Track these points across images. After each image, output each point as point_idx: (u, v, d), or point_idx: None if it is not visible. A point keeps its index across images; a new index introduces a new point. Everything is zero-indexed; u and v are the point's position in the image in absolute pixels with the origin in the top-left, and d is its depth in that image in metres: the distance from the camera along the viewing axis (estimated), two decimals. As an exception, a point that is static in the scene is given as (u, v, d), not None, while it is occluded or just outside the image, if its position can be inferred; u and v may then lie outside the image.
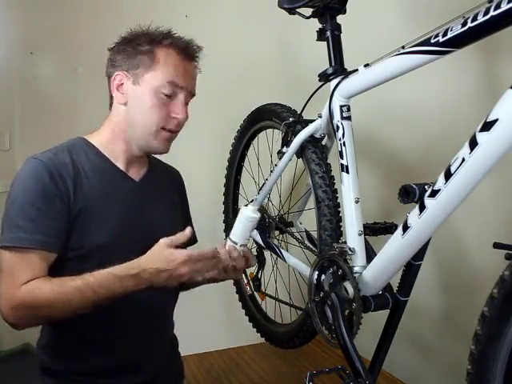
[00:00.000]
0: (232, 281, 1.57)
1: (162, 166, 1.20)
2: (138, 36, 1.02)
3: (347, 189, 1.01)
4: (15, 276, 0.90)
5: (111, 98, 1.06)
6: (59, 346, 1.01)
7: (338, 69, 1.08)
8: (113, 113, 1.05)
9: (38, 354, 1.03)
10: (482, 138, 0.67)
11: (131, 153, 1.05)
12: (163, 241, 0.90)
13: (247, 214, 1.06)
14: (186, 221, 1.23)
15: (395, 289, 0.96)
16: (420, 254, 0.89)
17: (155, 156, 1.19)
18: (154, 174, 1.12)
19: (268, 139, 1.44)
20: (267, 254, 1.42)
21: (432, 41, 0.77)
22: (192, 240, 1.24)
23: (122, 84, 1.02)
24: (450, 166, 0.73)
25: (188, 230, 0.91)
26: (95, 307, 0.88)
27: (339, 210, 1.09)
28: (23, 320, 0.91)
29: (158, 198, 1.10)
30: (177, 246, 0.91)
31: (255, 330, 1.48)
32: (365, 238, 1.01)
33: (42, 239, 0.92)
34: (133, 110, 1.02)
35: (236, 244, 1.05)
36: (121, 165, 1.05)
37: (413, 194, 0.80)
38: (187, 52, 1.02)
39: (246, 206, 1.07)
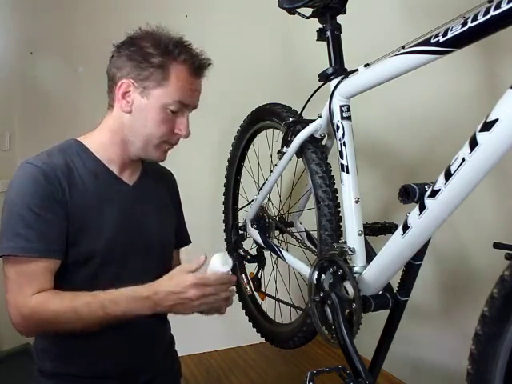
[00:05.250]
0: (232, 281, 1.57)
1: (154, 169, 1.18)
2: (150, 44, 0.97)
3: (347, 189, 1.01)
4: (23, 286, 0.90)
5: (113, 100, 1.02)
6: (56, 350, 1.00)
7: (337, 69, 1.08)
8: (113, 118, 1.02)
9: (35, 356, 1.03)
10: (482, 137, 0.67)
11: (127, 158, 1.04)
12: (179, 267, 0.92)
13: (218, 270, 0.91)
14: (179, 222, 1.23)
15: (395, 289, 0.96)
16: (420, 254, 0.89)
17: None
18: (147, 178, 1.11)
19: (268, 139, 1.44)
20: (267, 254, 1.42)
21: (432, 41, 0.77)
22: (185, 242, 1.25)
23: (128, 92, 0.99)
24: (450, 166, 0.73)
25: (202, 257, 0.92)
26: (102, 325, 0.89)
27: (339, 210, 1.09)
28: (32, 329, 0.92)
29: (151, 202, 1.09)
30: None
31: (255, 329, 1.48)
32: (365, 238, 1.01)
33: (44, 247, 0.91)
34: (137, 120, 0.99)
35: None
36: (114, 169, 1.04)
37: (413, 194, 0.81)
38: (198, 69, 1.00)
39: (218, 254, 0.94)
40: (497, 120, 0.65)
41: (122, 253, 1.00)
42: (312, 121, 1.15)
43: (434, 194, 0.76)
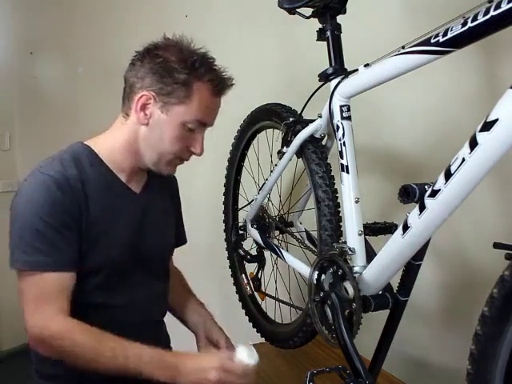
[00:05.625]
0: (232, 281, 1.57)
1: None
2: (175, 58, 0.95)
3: (347, 189, 1.01)
4: (42, 304, 0.88)
5: (129, 109, 0.99)
6: None
7: (337, 69, 1.08)
8: (128, 127, 1.00)
9: (34, 357, 1.02)
10: (482, 137, 0.67)
11: (136, 167, 1.03)
12: (215, 351, 0.98)
13: (244, 361, 0.91)
14: (177, 222, 1.23)
15: (395, 289, 0.96)
16: (420, 254, 0.89)
17: None
18: (152, 184, 1.11)
19: (268, 139, 1.44)
20: (267, 254, 1.42)
21: (432, 41, 0.77)
22: (182, 242, 1.25)
23: (147, 104, 0.96)
24: (450, 165, 0.73)
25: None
26: (118, 372, 0.88)
27: (339, 210, 1.09)
28: (50, 352, 0.91)
29: (156, 209, 1.10)
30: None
31: (255, 330, 1.48)
32: (365, 238, 1.01)
33: (59, 261, 0.90)
34: (153, 134, 0.98)
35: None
36: (123, 177, 1.03)
37: (413, 194, 0.80)
38: (221, 89, 0.99)
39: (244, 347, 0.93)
40: (497, 120, 0.65)
41: (129, 261, 1.01)
42: (312, 121, 1.15)
43: (433, 193, 0.76)
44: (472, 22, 0.69)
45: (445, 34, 0.75)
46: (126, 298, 1.01)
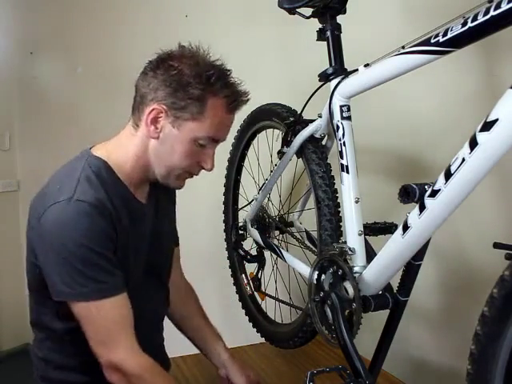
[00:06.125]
0: (232, 281, 1.57)
1: None
2: (190, 72, 0.91)
3: (347, 189, 1.01)
4: (112, 333, 0.89)
5: (139, 120, 0.96)
6: (59, 360, 1.00)
7: (338, 69, 1.08)
8: (138, 139, 0.97)
9: (36, 362, 1.02)
10: (482, 137, 0.67)
11: (145, 179, 1.02)
12: None
13: None
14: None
15: (395, 289, 0.96)
16: (420, 254, 0.89)
17: None
18: (155, 193, 1.09)
19: (268, 139, 1.44)
20: (267, 254, 1.42)
21: (432, 41, 0.77)
22: (176, 242, 1.25)
23: (158, 117, 0.93)
24: (450, 165, 0.73)
25: None
26: None
27: (339, 210, 1.09)
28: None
29: (161, 217, 1.10)
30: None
31: (255, 330, 1.48)
32: (365, 238, 1.01)
33: (116, 284, 0.90)
34: (163, 148, 0.96)
35: None
36: (132, 188, 1.01)
37: (413, 194, 0.81)
38: (236, 106, 0.96)
39: None
40: (497, 120, 0.65)
41: (146, 270, 1.03)
42: (312, 121, 1.15)
43: (434, 193, 0.76)
44: (472, 22, 0.69)
45: (445, 34, 0.75)
46: (140, 304, 1.00)
